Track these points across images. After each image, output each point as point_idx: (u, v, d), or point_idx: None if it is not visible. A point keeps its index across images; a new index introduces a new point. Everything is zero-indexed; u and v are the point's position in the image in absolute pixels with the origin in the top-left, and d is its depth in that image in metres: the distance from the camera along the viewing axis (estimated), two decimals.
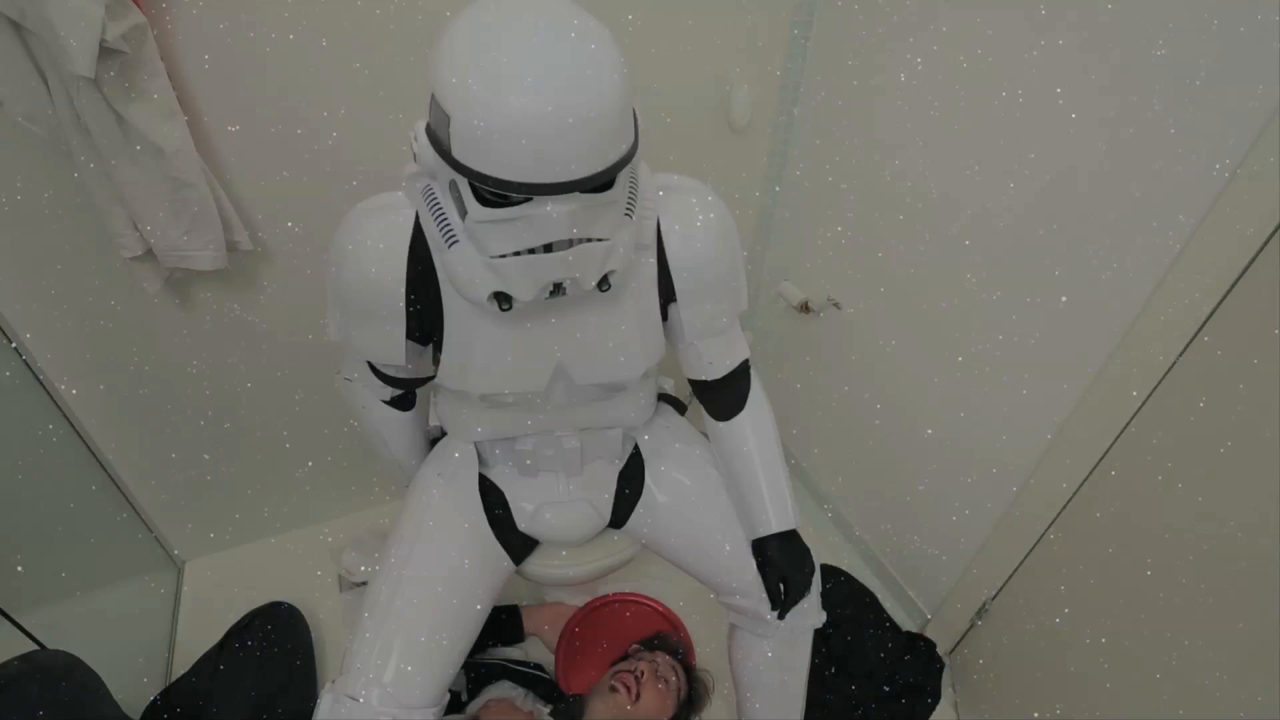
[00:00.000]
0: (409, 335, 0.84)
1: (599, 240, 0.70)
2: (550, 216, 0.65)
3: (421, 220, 0.75)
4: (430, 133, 0.66)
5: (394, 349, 0.86)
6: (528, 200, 0.64)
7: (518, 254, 0.68)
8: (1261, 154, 0.77)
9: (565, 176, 0.61)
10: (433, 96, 0.63)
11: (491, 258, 0.69)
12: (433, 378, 0.96)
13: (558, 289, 0.71)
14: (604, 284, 0.74)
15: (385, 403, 1.03)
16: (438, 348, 0.88)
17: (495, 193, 0.64)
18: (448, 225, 0.70)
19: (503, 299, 0.72)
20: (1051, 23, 0.97)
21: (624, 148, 0.66)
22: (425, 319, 0.85)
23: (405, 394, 1.05)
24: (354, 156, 1.19)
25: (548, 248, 0.68)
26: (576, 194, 0.64)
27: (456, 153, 0.62)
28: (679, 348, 0.97)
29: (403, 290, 0.80)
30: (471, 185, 0.65)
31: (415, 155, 0.69)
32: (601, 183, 0.64)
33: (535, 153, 0.60)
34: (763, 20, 1.37)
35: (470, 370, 0.86)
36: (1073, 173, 0.99)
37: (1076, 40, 0.94)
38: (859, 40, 1.32)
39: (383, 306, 0.81)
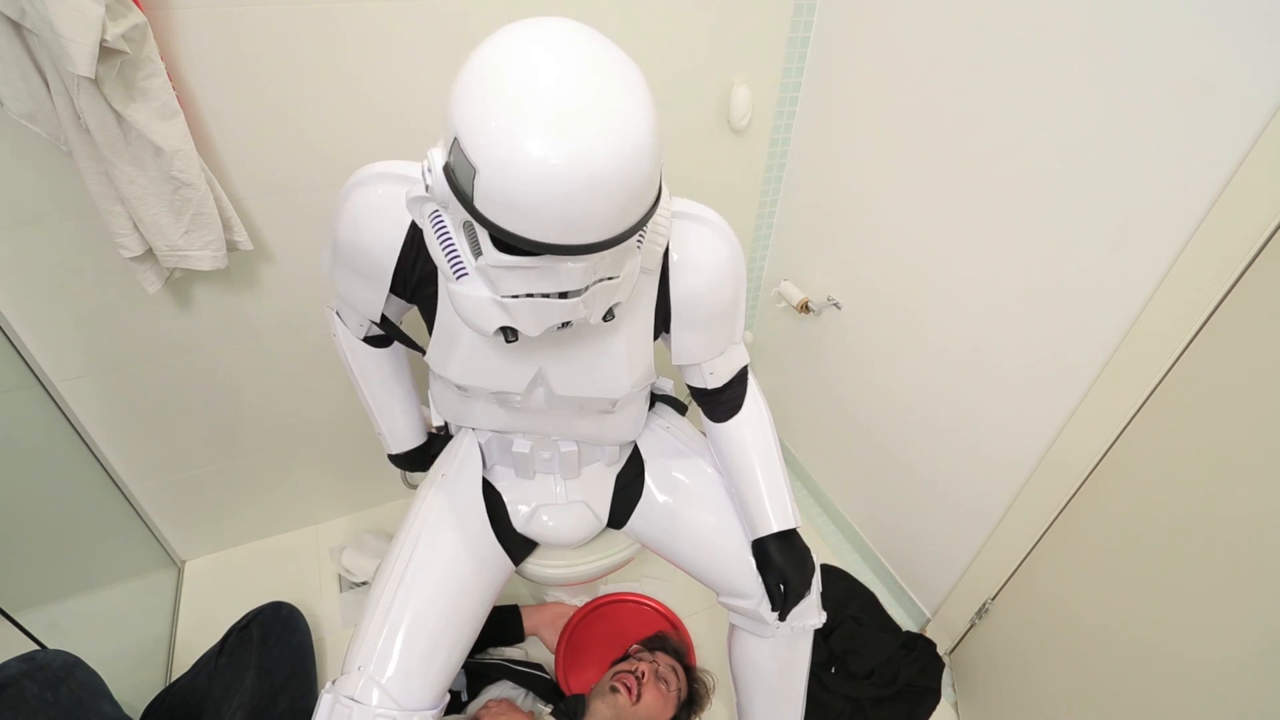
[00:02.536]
0: (394, 292, 0.85)
1: (609, 279, 0.70)
2: (572, 271, 0.64)
3: (428, 244, 0.71)
4: (449, 172, 0.61)
5: (371, 306, 0.88)
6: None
7: (529, 296, 0.67)
8: (1262, 152, 0.77)
9: (596, 238, 0.60)
10: (455, 140, 0.58)
11: (503, 297, 0.67)
12: (417, 348, 0.96)
13: (566, 323, 0.71)
14: (608, 315, 0.74)
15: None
16: (429, 330, 0.88)
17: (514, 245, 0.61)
18: (457, 258, 0.68)
19: (509, 332, 0.70)
20: (1052, 22, 0.97)
21: (651, 200, 0.64)
22: (419, 289, 0.85)
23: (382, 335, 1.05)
24: (354, 156, 1.18)
25: (563, 294, 0.67)
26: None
27: (480, 206, 0.59)
28: (676, 363, 0.97)
29: (394, 261, 0.80)
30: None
31: (428, 186, 0.65)
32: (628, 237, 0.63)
33: (567, 218, 0.57)
34: (763, 20, 1.37)
35: (452, 359, 0.87)
36: (1073, 171, 0.99)
37: (1077, 40, 0.94)
38: (859, 40, 1.32)
39: (370, 271, 0.82)
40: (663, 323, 0.89)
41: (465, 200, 0.60)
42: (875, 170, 1.36)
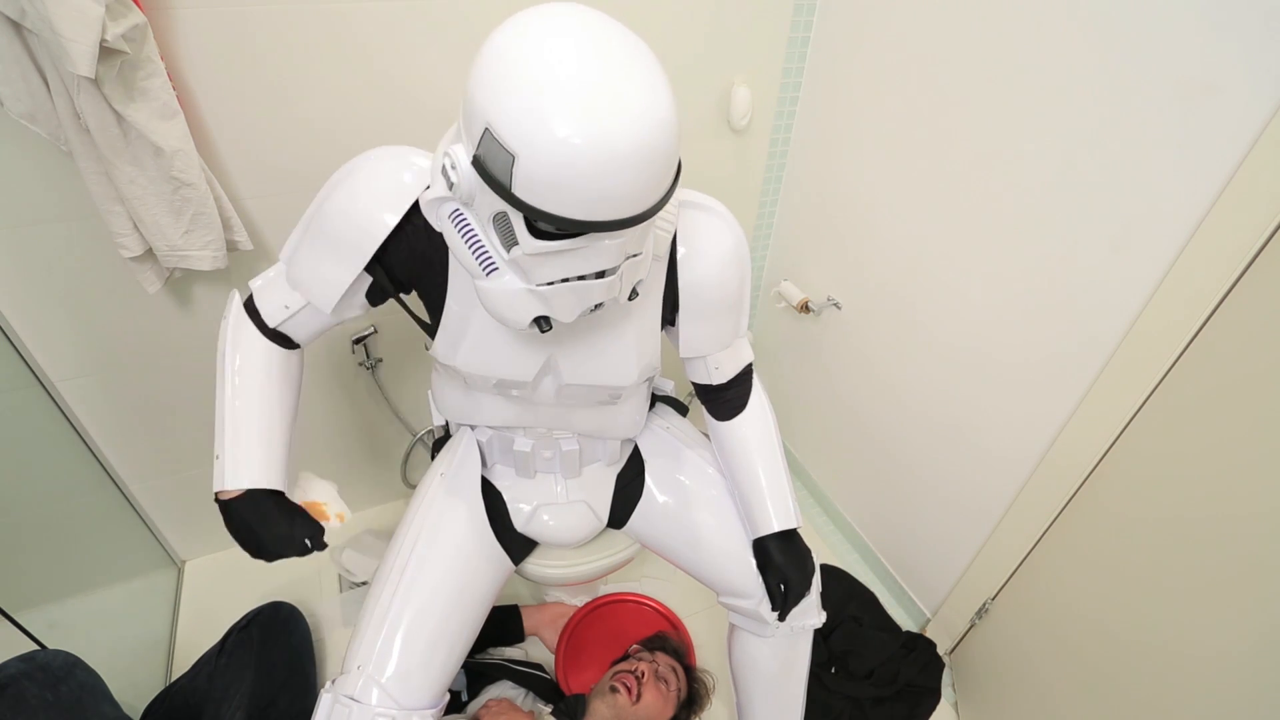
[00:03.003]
0: (386, 271, 0.82)
1: (635, 256, 0.70)
2: (609, 248, 0.64)
3: (450, 245, 0.71)
4: (479, 164, 0.61)
5: (331, 290, 0.82)
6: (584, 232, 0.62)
7: (565, 280, 0.67)
8: (1262, 151, 0.77)
9: (635, 210, 0.61)
10: (486, 130, 0.58)
11: (538, 285, 0.67)
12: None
13: (597, 305, 0.71)
14: (633, 294, 0.75)
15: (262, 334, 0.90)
16: (436, 319, 0.88)
17: (552, 229, 0.62)
18: (486, 254, 0.67)
19: (544, 322, 0.71)
20: (1052, 21, 0.97)
21: (676, 167, 0.66)
22: (425, 275, 0.83)
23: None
24: (354, 156, 1.19)
25: (599, 274, 0.68)
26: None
27: (519, 191, 0.59)
28: (683, 355, 0.97)
29: (383, 235, 0.78)
30: (525, 219, 0.62)
31: (451, 184, 0.64)
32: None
33: (608, 193, 0.58)
34: (763, 20, 1.37)
35: (460, 348, 0.86)
36: (1073, 170, 0.99)
37: (1078, 38, 0.94)
38: (859, 40, 1.32)
39: (353, 241, 0.79)
40: (669, 313, 0.90)
41: (502, 189, 0.60)
42: (875, 170, 1.36)
